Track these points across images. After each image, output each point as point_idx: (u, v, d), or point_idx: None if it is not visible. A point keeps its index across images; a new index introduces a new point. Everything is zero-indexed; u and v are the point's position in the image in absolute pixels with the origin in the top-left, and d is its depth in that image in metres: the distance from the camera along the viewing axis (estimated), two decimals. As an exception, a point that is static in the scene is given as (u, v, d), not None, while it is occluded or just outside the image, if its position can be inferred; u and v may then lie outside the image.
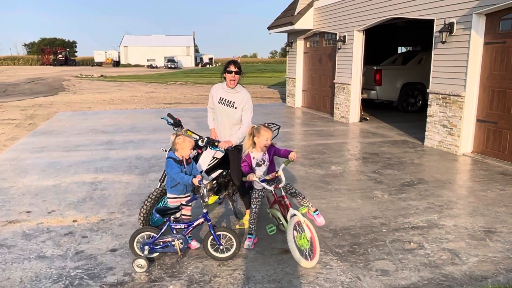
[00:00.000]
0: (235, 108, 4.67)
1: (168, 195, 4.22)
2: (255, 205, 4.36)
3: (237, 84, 4.70)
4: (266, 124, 4.33)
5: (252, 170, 4.25)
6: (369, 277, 3.74)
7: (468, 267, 3.92)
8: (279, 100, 19.79)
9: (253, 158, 4.28)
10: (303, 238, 3.94)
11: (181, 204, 4.24)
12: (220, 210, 5.41)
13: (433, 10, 8.91)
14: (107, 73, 49.23)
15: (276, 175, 4.25)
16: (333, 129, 11.43)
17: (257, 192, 4.36)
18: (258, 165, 4.29)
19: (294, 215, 4.02)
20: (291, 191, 4.41)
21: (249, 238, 4.40)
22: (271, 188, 4.18)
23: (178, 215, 4.27)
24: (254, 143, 4.25)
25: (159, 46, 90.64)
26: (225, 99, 4.71)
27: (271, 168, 4.37)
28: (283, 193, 4.24)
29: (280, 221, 4.40)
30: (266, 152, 4.31)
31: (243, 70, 4.74)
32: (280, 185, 4.22)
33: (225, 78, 4.70)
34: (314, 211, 4.43)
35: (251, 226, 4.40)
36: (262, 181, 4.20)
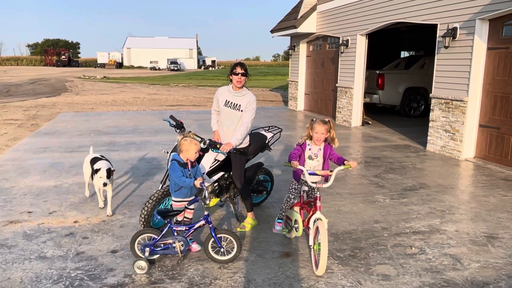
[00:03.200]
0: (241, 111, 4.66)
1: (173, 198, 4.21)
2: (293, 195, 4.32)
3: (243, 87, 4.70)
4: (327, 119, 4.25)
5: (296, 159, 4.13)
6: (370, 282, 3.73)
7: (470, 273, 3.90)
8: (281, 103, 19.79)
9: (309, 149, 4.21)
10: (316, 243, 3.89)
11: (185, 207, 4.24)
12: (221, 213, 5.40)
13: (437, 15, 8.91)
14: (110, 74, 49.36)
15: (330, 173, 4.06)
16: (335, 132, 11.40)
17: (296, 184, 4.28)
18: (310, 157, 4.20)
19: (319, 219, 3.87)
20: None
21: (279, 222, 4.42)
22: (314, 185, 4.01)
23: (180, 218, 4.26)
24: (311, 137, 4.22)
25: (162, 48, 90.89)
26: (231, 102, 4.70)
27: (325, 168, 4.23)
28: (318, 194, 4.05)
29: (296, 224, 4.29)
30: (322, 149, 4.21)
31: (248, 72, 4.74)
32: (325, 186, 4.05)
33: (231, 80, 4.69)
34: None
35: (283, 212, 4.40)
36: (311, 173, 4.06)
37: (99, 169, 5.07)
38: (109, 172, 5.09)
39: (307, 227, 4.03)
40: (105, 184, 5.04)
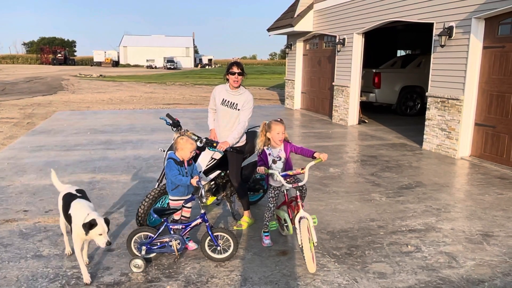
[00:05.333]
0: (238, 109, 4.67)
1: (170, 197, 4.20)
2: (272, 204, 4.28)
3: (240, 86, 4.70)
4: (279, 119, 4.24)
5: (267, 166, 4.13)
6: (366, 280, 3.74)
7: (465, 271, 3.92)
8: (278, 102, 19.79)
9: (269, 154, 4.19)
10: (310, 242, 3.86)
11: (183, 206, 4.23)
12: (218, 211, 5.41)
13: (433, 14, 8.93)
14: (106, 73, 49.20)
15: (302, 172, 4.04)
16: (331, 131, 11.44)
17: (273, 191, 4.25)
18: (274, 161, 4.18)
19: (304, 218, 3.87)
20: (303, 191, 4.19)
21: (266, 236, 4.40)
22: (290, 186, 4.01)
23: (177, 217, 4.26)
24: (268, 139, 4.18)
25: (158, 47, 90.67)
26: (228, 101, 4.70)
27: (288, 166, 4.23)
28: (297, 193, 4.04)
29: (285, 223, 4.29)
30: (282, 149, 4.20)
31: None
32: (300, 184, 4.04)
33: (227, 79, 4.69)
34: None
35: (266, 223, 4.36)
36: (284, 175, 4.04)
37: (93, 223, 3.45)
38: (108, 223, 3.59)
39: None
40: (109, 243, 3.50)
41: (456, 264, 4.04)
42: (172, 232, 3.99)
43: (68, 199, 3.80)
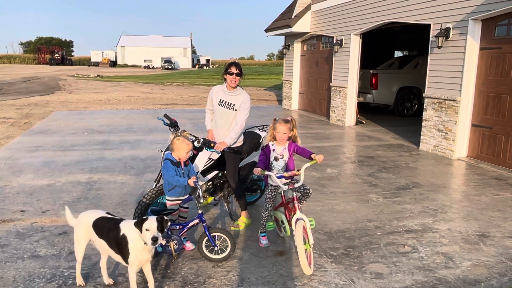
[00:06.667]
0: (235, 110, 4.67)
1: (167, 197, 4.20)
2: (270, 204, 4.29)
3: (237, 86, 4.70)
4: (289, 118, 4.24)
5: (264, 165, 4.12)
6: (363, 280, 3.75)
7: (462, 271, 3.94)
8: (276, 102, 19.81)
9: (273, 150, 4.21)
10: (306, 243, 3.86)
11: (180, 206, 4.23)
12: (215, 212, 5.41)
13: (430, 15, 8.96)
14: (104, 73, 49.12)
15: (297, 173, 4.06)
16: (329, 132, 11.45)
17: (270, 192, 4.25)
18: (275, 159, 4.19)
19: (302, 219, 3.85)
20: (306, 190, 4.14)
21: (263, 236, 4.41)
22: (286, 187, 4.01)
23: (174, 217, 4.26)
24: (275, 137, 4.21)
25: (156, 47, 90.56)
26: (225, 102, 4.70)
27: (290, 166, 4.25)
28: (294, 195, 4.03)
29: (283, 224, 4.29)
30: (286, 148, 4.22)
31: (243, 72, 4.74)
32: (296, 185, 4.04)
33: (225, 79, 4.70)
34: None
35: (264, 224, 4.37)
36: (279, 177, 4.04)
37: (145, 219, 3.26)
38: (162, 223, 3.27)
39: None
40: (155, 239, 3.16)
41: (452, 265, 4.06)
42: (169, 233, 3.99)
43: (108, 223, 3.50)
